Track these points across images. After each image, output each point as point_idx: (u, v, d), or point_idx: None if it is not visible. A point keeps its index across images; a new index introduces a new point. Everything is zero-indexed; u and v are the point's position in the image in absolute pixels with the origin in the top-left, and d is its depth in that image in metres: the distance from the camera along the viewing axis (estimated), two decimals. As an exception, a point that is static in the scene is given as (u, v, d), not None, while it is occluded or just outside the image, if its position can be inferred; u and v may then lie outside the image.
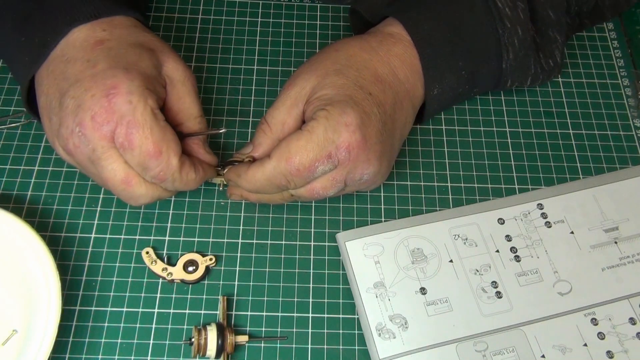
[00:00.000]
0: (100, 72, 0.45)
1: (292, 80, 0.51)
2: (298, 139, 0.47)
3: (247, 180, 0.49)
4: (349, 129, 0.47)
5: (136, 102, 0.44)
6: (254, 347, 0.49)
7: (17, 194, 0.54)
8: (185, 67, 0.50)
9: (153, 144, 0.44)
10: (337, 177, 0.48)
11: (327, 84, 0.49)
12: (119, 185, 0.46)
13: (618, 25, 0.67)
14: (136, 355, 0.48)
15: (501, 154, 0.58)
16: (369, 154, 0.48)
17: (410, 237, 0.53)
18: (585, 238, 0.54)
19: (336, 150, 0.47)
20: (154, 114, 0.45)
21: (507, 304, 0.51)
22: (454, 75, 0.54)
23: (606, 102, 0.62)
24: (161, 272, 0.51)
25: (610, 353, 0.49)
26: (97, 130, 0.44)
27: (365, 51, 0.51)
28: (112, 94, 0.44)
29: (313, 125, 0.47)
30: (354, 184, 0.50)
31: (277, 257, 0.53)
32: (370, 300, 0.50)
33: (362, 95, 0.49)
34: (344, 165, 0.47)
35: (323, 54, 0.52)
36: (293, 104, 0.50)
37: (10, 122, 0.58)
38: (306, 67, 0.51)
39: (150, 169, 0.45)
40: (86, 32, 0.48)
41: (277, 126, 0.50)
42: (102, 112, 0.44)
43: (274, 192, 0.50)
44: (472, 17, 0.54)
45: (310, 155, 0.46)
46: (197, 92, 0.51)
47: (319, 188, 0.49)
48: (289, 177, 0.47)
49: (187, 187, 0.48)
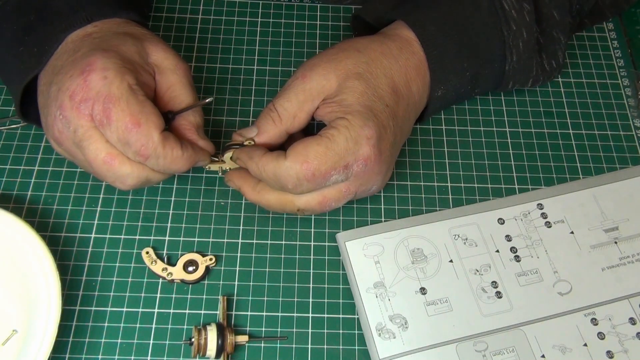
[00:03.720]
0: (79, 56, 0.46)
1: (307, 71, 0.49)
2: (318, 144, 0.46)
3: (257, 165, 0.47)
4: (369, 143, 0.46)
5: (112, 77, 0.44)
6: (254, 347, 0.49)
7: (17, 194, 0.54)
8: (176, 56, 0.49)
9: (130, 116, 0.44)
10: (350, 188, 0.48)
11: (347, 88, 0.48)
12: (102, 165, 0.45)
13: (618, 25, 0.67)
14: (136, 355, 0.48)
15: (501, 154, 0.58)
16: (381, 166, 0.48)
17: (410, 237, 0.53)
18: (585, 238, 0.54)
19: (354, 162, 0.46)
20: (132, 88, 0.44)
21: (507, 304, 0.51)
22: (458, 76, 0.54)
23: (606, 102, 0.62)
24: (161, 272, 0.51)
25: (610, 353, 0.49)
26: (75, 109, 0.44)
27: (386, 58, 0.51)
28: (87, 71, 0.44)
29: (333, 133, 0.46)
30: (363, 194, 0.50)
31: (277, 257, 0.53)
32: (370, 300, 0.50)
33: (380, 107, 0.48)
34: (358, 177, 0.47)
35: (343, 51, 0.50)
36: (308, 98, 0.48)
37: (10, 122, 0.58)
38: (324, 60, 0.50)
39: (131, 143, 0.44)
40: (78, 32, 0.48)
41: (288, 118, 0.49)
42: (79, 90, 0.44)
43: (277, 189, 0.49)
44: (478, 19, 0.53)
45: (329, 163, 0.46)
46: (190, 80, 0.50)
47: (332, 200, 0.48)
48: (301, 180, 0.46)
49: (175, 165, 0.46)
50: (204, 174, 0.56)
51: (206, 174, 0.56)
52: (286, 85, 0.50)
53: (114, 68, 0.44)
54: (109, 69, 0.44)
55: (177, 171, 0.48)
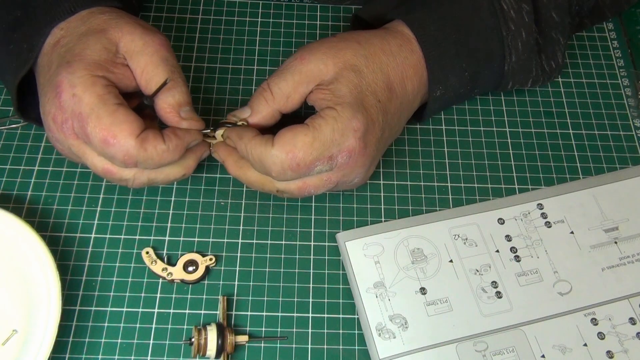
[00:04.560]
0: (51, 75, 0.46)
1: (306, 53, 0.49)
2: (305, 134, 0.46)
3: (245, 147, 0.47)
4: (356, 135, 0.47)
5: (80, 93, 0.44)
6: (254, 347, 0.49)
7: (17, 194, 0.54)
8: (144, 34, 0.47)
9: (103, 131, 0.43)
10: (332, 178, 0.48)
11: (343, 78, 0.48)
12: (103, 174, 0.46)
13: (618, 25, 0.67)
14: (136, 355, 0.48)
15: (501, 154, 0.58)
16: (365, 160, 0.48)
17: (410, 237, 0.53)
18: (585, 238, 0.54)
19: (339, 153, 0.47)
20: (102, 100, 0.44)
21: (507, 304, 0.51)
22: (457, 76, 0.54)
23: (606, 102, 0.62)
24: (161, 272, 0.51)
25: (610, 353, 0.49)
26: (60, 130, 0.45)
27: (385, 54, 0.51)
28: (58, 92, 0.44)
29: (321, 123, 0.46)
30: (344, 184, 0.50)
31: (277, 257, 0.53)
32: (370, 300, 0.50)
33: (372, 101, 0.48)
34: (341, 168, 0.48)
35: (344, 40, 0.51)
36: (303, 80, 0.48)
37: (10, 122, 0.58)
38: (325, 46, 0.50)
39: (113, 156, 0.44)
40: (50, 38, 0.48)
41: (281, 98, 0.48)
42: (58, 113, 0.45)
43: (261, 172, 0.48)
44: (477, 19, 0.53)
45: (314, 154, 0.46)
46: (162, 56, 0.47)
47: (311, 187, 0.48)
48: (285, 169, 0.46)
49: (165, 158, 0.46)
50: (204, 174, 0.56)
51: (206, 174, 0.56)
52: (283, 66, 0.50)
53: (81, 83, 0.44)
54: (75, 85, 0.44)
55: (172, 162, 0.47)
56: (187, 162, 0.49)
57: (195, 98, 0.59)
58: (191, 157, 0.49)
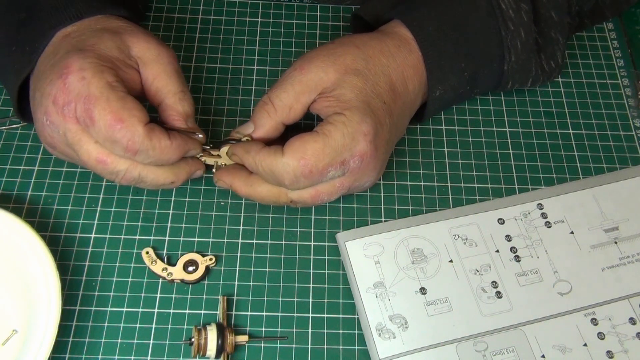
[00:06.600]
0: (57, 59, 0.46)
1: (305, 63, 0.49)
2: (315, 140, 0.45)
3: (254, 160, 0.47)
4: (366, 139, 0.46)
5: (90, 76, 0.44)
6: (254, 347, 0.49)
7: (17, 194, 0.54)
8: (159, 45, 0.48)
9: (112, 113, 0.43)
10: (344, 183, 0.48)
11: (346, 83, 0.48)
12: (96, 165, 0.45)
13: (618, 25, 0.67)
14: (136, 355, 0.48)
15: (501, 154, 0.58)
16: (376, 162, 0.48)
17: (410, 237, 0.53)
18: (585, 238, 0.54)
19: (351, 158, 0.46)
20: (111, 86, 0.44)
21: (507, 304, 0.51)
22: (456, 76, 0.54)
23: (606, 102, 0.62)
24: (161, 272, 0.51)
25: (610, 353, 0.49)
26: (60, 113, 0.44)
27: (385, 56, 0.51)
28: (65, 74, 0.44)
29: (330, 129, 0.46)
30: (355, 189, 0.50)
31: (277, 257, 0.53)
32: (370, 300, 0.50)
33: (378, 103, 0.48)
34: (354, 172, 0.48)
35: (342, 46, 0.50)
36: (305, 90, 0.48)
37: (10, 122, 0.58)
38: (323, 54, 0.50)
39: (117, 140, 0.44)
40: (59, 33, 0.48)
41: (284, 109, 0.48)
42: (60, 94, 0.44)
43: (272, 184, 0.48)
44: (476, 19, 0.53)
45: (326, 159, 0.46)
46: (175, 68, 0.49)
47: (325, 194, 0.48)
48: (298, 176, 0.46)
49: (165, 154, 0.46)
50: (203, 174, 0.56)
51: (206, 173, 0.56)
52: (282, 77, 0.50)
53: (91, 68, 0.44)
54: (86, 69, 0.44)
55: (169, 161, 0.47)
56: (179, 171, 0.49)
57: (196, 98, 0.59)
58: (184, 167, 0.49)
